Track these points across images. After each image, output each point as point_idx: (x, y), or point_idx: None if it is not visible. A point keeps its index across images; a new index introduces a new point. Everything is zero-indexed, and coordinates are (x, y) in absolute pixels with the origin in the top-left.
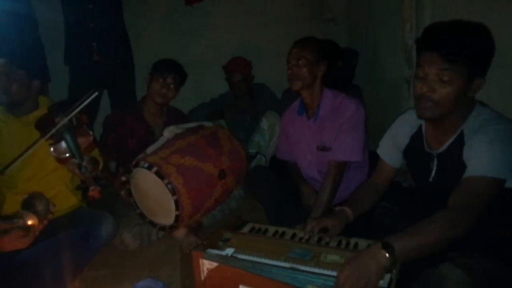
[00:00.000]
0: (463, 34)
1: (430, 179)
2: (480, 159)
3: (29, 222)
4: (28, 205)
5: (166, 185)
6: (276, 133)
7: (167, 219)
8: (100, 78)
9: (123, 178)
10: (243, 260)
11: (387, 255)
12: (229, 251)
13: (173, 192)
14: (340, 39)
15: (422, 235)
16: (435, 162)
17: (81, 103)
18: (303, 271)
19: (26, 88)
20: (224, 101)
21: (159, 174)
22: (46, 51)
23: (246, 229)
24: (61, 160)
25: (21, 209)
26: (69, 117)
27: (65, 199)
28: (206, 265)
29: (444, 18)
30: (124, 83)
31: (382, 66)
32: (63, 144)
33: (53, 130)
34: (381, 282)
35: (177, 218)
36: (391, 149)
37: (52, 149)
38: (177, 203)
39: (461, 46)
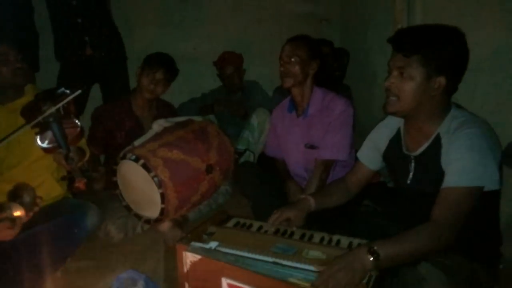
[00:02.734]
0: (422, 35)
1: (408, 182)
2: (458, 168)
3: (16, 214)
4: (15, 195)
5: (153, 178)
6: (266, 131)
7: (153, 212)
8: (92, 72)
9: (113, 173)
10: (227, 253)
11: (371, 259)
12: (213, 244)
13: (159, 185)
14: (333, 39)
15: (406, 245)
16: (413, 164)
17: (70, 94)
18: (285, 265)
19: (19, 74)
20: (215, 97)
21: (146, 167)
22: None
23: (231, 223)
24: (47, 150)
25: (7, 200)
26: (57, 106)
27: (50, 189)
28: (190, 257)
29: (434, 21)
30: (116, 77)
31: (373, 67)
32: (50, 133)
33: (40, 118)
34: None
35: (162, 211)
36: (370, 152)
37: (38, 137)
38: (163, 196)
39: (415, 42)
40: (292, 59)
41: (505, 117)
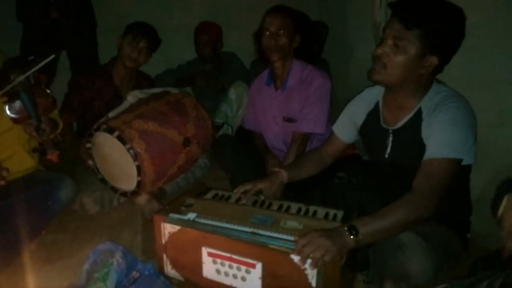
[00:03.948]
0: (427, 7)
1: (386, 155)
2: (439, 140)
3: None
4: None
5: (128, 150)
6: (244, 104)
7: (129, 185)
8: (57, 38)
9: (88, 145)
10: (205, 224)
11: (352, 237)
12: (191, 215)
13: (135, 157)
14: (312, 11)
15: (387, 219)
16: (391, 138)
17: (39, 62)
18: (263, 235)
19: None
20: (192, 68)
21: (121, 139)
22: None
23: (209, 195)
24: (16, 120)
25: None
26: (26, 74)
27: (21, 161)
28: (168, 228)
29: None
30: (84, 45)
31: (351, 42)
32: (19, 103)
33: (8, 87)
34: None
35: (139, 184)
36: (346, 125)
37: (7, 107)
38: (139, 168)
39: (420, 15)
40: (281, 31)
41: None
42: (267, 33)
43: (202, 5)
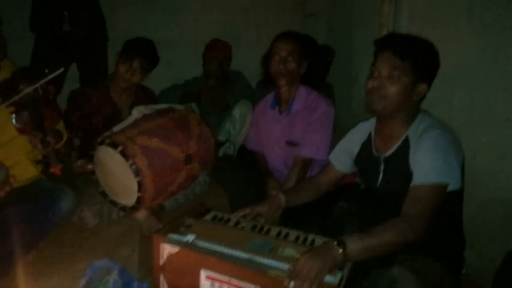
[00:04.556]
0: (413, 42)
1: (378, 183)
2: (424, 166)
3: None
4: None
5: (130, 165)
6: (247, 123)
7: (129, 200)
8: (68, 50)
9: (90, 167)
10: (203, 247)
11: (340, 251)
12: (190, 237)
13: (137, 173)
14: (319, 35)
15: (374, 238)
16: (382, 166)
17: (48, 75)
18: (260, 263)
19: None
20: (198, 84)
21: (124, 154)
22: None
23: (208, 217)
24: (22, 131)
25: None
26: (34, 86)
27: (24, 170)
28: (167, 249)
29: (420, 26)
30: (95, 58)
31: (357, 67)
32: (26, 114)
33: (16, 97)
34: (333, 279)
35: (139, 199)
36: (342, 156)
37: (14, 117)
38: (140, 184)
39: (411, 47)
40: (290, 57)
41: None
42: (277, 57)
43: (211, 22)
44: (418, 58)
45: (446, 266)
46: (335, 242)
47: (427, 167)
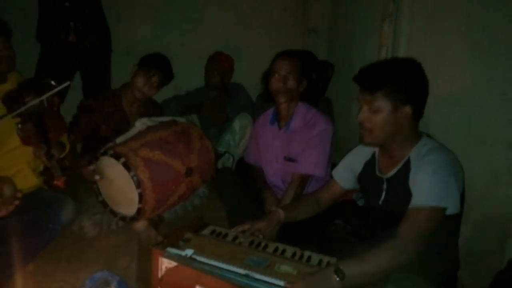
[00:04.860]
0: (383, 71)
1: (380, 202)
2: (422, 189)
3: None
4: None
5: (132, 177)
6: (247, 135)
7: (129, 210)
8: (73, 60)
9: (97, 177)
10: (202, 262)
11: (337, 279)
12: (189, 252)
13: (138, 185)
14: (319, 50)
15: (371, 263)
16: (385, 186)
17: (54, 87)
18: (257, 279)
19: (4, 61)
20: (199, 95)
21: (126, 166)
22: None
23: (207, 231)
24: (27, 142)
25: None
26: (40, 98)
27: (25, 179)
28: (165, 263)
29: (419, 46)
30: (99, 68)
31: (355, 84)
32: (31, 125)
33: (22, 109)
34: None
35: (139, 210)
36: (346, 172)
37: (19, 128)
38: (141, 196)
39: (376, 79)
40: (290, 75)
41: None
42: (277, 76)
43: (214, 34)
44: (388, 87)
45: (439, 286)
46: (332, 270)
47: (426, 190)
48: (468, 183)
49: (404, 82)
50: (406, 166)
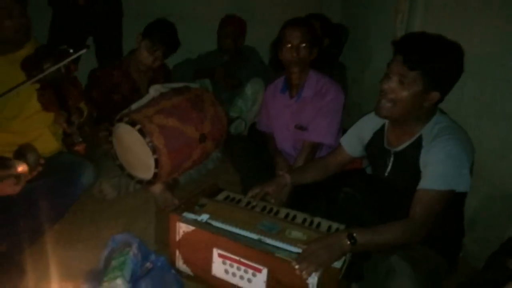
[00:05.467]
0: (428, 49)
1: (386, 174)
2: (434, 172)
3: (20, 170)
4: (19, 155)
5: (148, 143)
6: (259, 101)
7: (146, 174)
8: (84, 24)
9: (104, 133)
10: (217, 227)
11: (349, 243)
12: (204, 217)
13: (154, 151)
14: (333, 13)
15: (382, 236)
16: (391, 159)
17: (72, 54)
18: (268, 244)
19: (22, 30)
20: (211, 59)
21: (142, 132)
22: None
23: (221, 196)
24: (47, 108)
25: (13, 158)
26: (58, 65)
27: (46, 143)
28: (183, 228)
29: (436, 15)
30: (110, 33)
31: (370, 49)
32: (50, 92)
33: (41, 75)
34: (336, 263)
35: (155, 175)
36: (353, 140)
37: (38, 94)
38: (157, 161)
39: (421, 57)
40: (302, 45)
41: (484, 120)
42: (289, 45)
43: None
44: (428, 69)
45: (443, 253)
46: (346, 234)
47: (438, 173)
48: (478, 154)
49: (445, 68)
50: (418, 143)
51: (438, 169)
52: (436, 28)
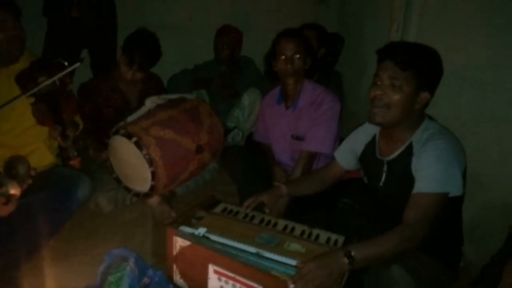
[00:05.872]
0: (415, 50)
1: (381, 184)
2: (426, 176)
3: (12, 191)
4: (10, 167)
5: (144, 156)
6: (256, 111)
7: (142, 187)
8: (79, 36)
9: (104, 155)
10: (214, 241)
11: (347, 262)
12: (201, 230)
13: (151, 163)
14: (330, 22)
15: (379, 247)
16: (385, 168)
17: (67, 67)
18: (267, 258)
19: (15, 42)
20: (208, 69)
21: (138, 145)
22: None
23: (218, 209)
24: (42, 122)
25: (2, 172)
26: (53, 79)
27: (42, 156)
28: (179, 242)
29: (431, 22)
30: (105, 45)
31: (366, 56)
32: (45, 106)
33: (36, 89)
34: None
35: (152, 187)
36: (347, 153)
37: (33, 108)
38: (153, 174)
39: (412, 58)
40: (296, 56)
41: (483, 126)
42: (283, 57)
43: (222, 7)
44: (419, 68)
45: (443, 261)
46: (343, 253)
47: (431, 176)
48: (477, 161)
49: (433, 68)
50: (408, 150)
51: (430, 173)
52: (431, 35)
